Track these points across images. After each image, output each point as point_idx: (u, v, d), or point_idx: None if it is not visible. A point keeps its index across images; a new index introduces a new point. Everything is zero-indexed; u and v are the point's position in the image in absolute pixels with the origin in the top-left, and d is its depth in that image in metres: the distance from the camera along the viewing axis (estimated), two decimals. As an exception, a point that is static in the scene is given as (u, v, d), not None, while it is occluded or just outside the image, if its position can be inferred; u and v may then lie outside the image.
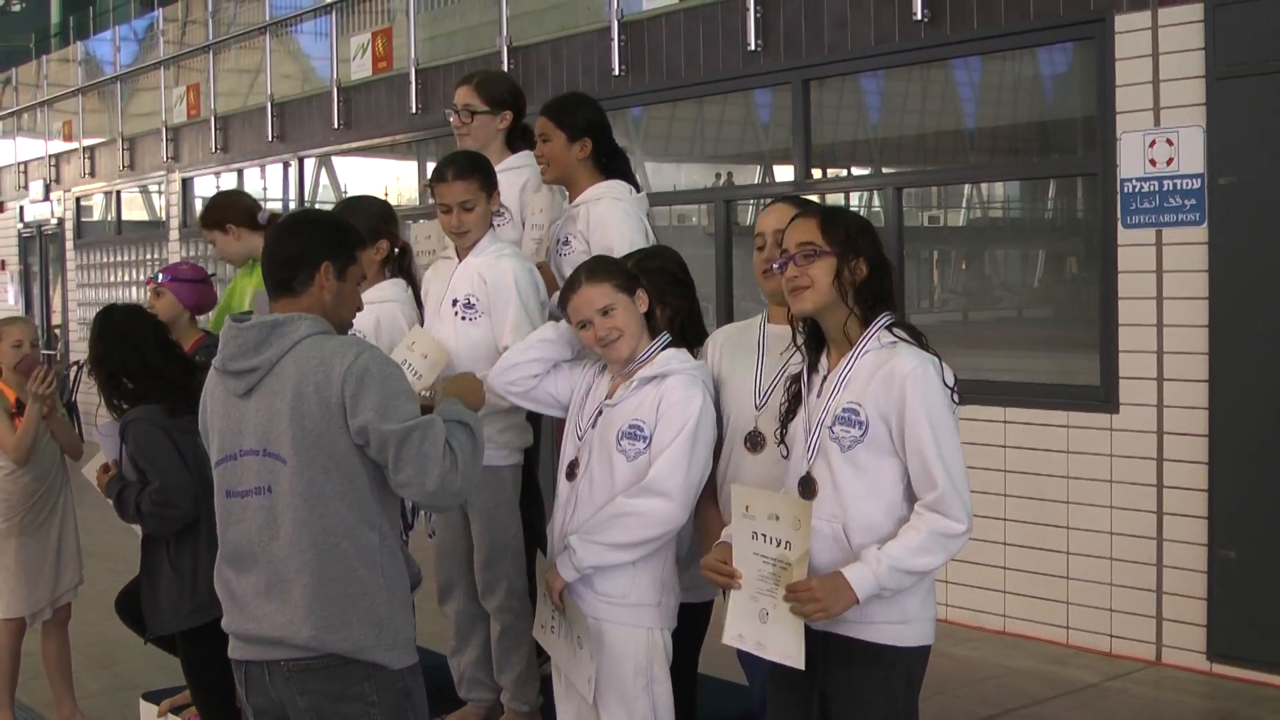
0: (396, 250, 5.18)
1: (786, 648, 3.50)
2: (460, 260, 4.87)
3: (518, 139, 5.42)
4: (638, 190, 5.11)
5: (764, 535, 3.54)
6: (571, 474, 4.15)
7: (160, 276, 6.20)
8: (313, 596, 3.54)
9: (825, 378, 3.63)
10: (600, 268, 4.15)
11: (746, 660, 4.29)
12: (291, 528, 3.55)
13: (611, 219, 4.90)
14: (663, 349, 4.10)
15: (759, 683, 4.31)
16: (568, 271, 4.95)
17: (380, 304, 4.95)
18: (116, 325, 5.25)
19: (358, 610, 3.58)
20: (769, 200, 9.70)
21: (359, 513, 3.59)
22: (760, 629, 3.56)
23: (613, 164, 5.10)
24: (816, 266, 3.57)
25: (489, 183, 4.81)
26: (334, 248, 3.74)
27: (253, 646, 3.66)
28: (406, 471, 3.51)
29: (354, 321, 5.11)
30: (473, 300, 4.78)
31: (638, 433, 4.00)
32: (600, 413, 4.11)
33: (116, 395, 5.17)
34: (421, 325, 4.87)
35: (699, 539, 4.24)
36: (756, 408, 4.12)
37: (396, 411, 3.52)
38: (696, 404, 3.98)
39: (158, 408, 5.07)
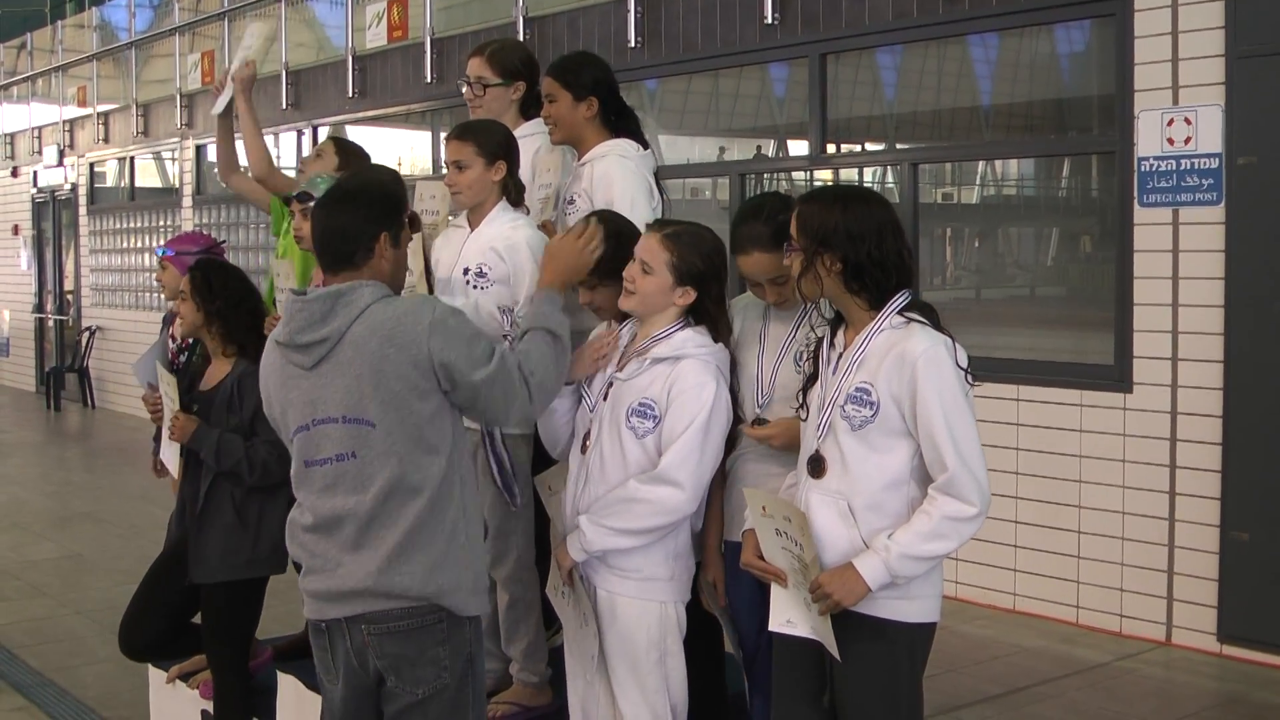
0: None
1: (829, 638, 3.55)
2: (472, 230, 4.85)
3: (532, 107, 5.40)
4: (646, 149, 5.08)
5: (785, 533, 3.59)
6: (584, 446, 4.14)
7: (164, 250, 6.18)
8: (404, 544, 3.63)
9: (841, 355, 3.62)
10: (683, 239, 4.04)
11: (736, 612, 4.32)
12: (384, 484, 3.62)
13: (614, 175, 4.88)
14: (680, 329, 4.07)
15: (749, 638, 4.33)
16: None
17: None
18: (244, 280, 5.40)
19: (445, 555, 3.68)
20: (783, 174, 9.74)
21: (443, 462, 3.69)
22: (808, 615, 3.60)
23: (621, 123, 5.08)
24: (792, 261, 3.64)
25: (488, 149, 4.76)
26: (389, 216, 3.78)
27: (337, 604, 3.69)
28: (490, 414, 3.82)
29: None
30: (485, 269, 4.76)
31: (648, 411, 3.98)
32: (610, 384, 4.10)
33: (234, 347, 5.26)
34: (431, 294, 4.86)
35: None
36: (759, 405, 4.14)
37: (476, 356, 3.65)
38: (710, 392, 3.95)
39: None
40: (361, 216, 3.75)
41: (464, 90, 5.41)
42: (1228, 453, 6.80)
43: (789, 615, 3.65)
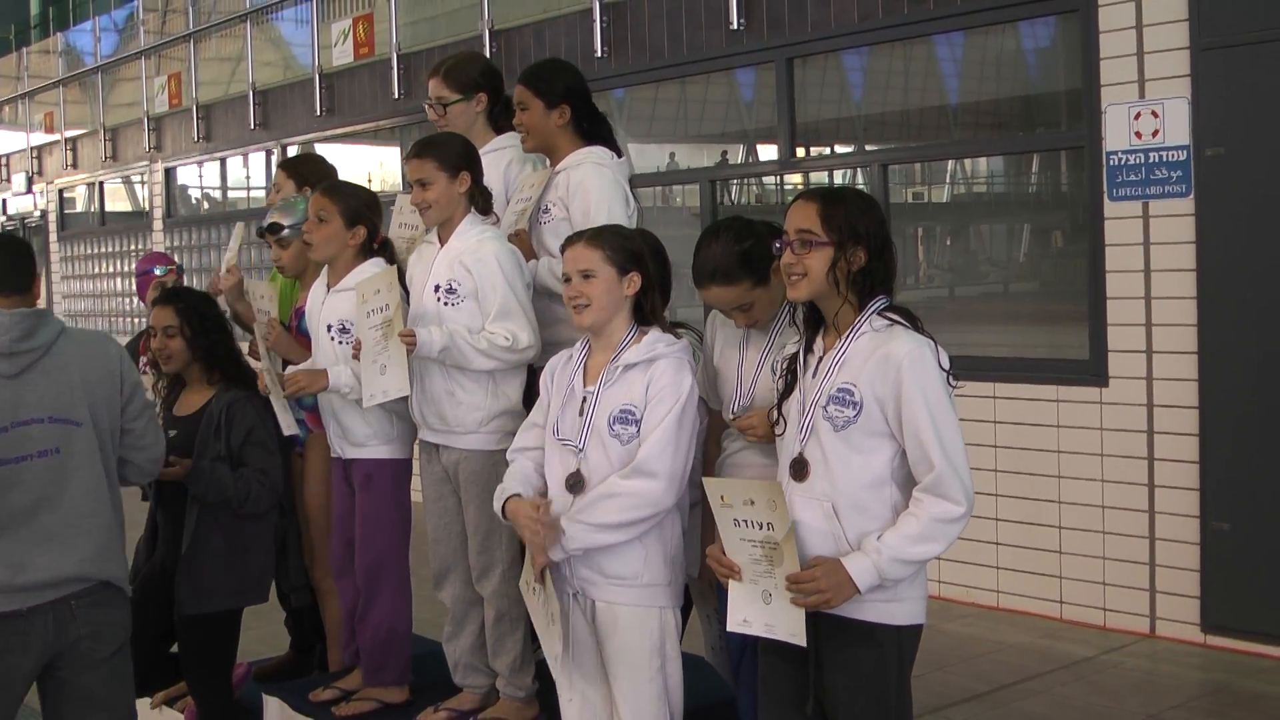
0: (375, 244, 5.15)
1: (792, 626, 3.52)
2: (442, 245, 4.84)
3: (501, 117, 5.38)
4: (620, 156, 5.07)
5: (745, 521, 3.55)
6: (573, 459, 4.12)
7: (164, 269, 6.21)
8: (104, 534, 4.20)
9: (821, 359, 3.61)
10: (605, 234, 4.10)
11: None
12: (88, 477, 4.16)
13: (590, 183, 4.87)
14: (643, 333, 4.06)
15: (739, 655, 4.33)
16: (547, 239, 4.93)
17: (360, 284, 4.93)
18: (216, 309, 5.45)
19: (116, 544, 4.27)
20: (753, 179, 9.76)
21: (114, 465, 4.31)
22: (765, 610, 3.57)
23: (594, 129, 5.06)
24: (813, 256, 3.55)
25: (449, 163, 4.74)
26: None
27: (42, 591, 4.06)
28: (151, 435, 4.40)
29: (341, 306, 5.10)
30: (455, 285, 4.74)
31: (629, 417, 3.97)
32: (585, 399, 4.08)
33: (217, 374, 5.32)
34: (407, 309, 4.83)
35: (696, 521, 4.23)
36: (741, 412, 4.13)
37: (143, 393, 4.40)
38: (686, 385, 3.97)
39: (252, 392, 5.18)
40: (32, 258, 4.39)
41: (429, 112, 5.40)
42: (1205, 443, 6.82)
43: (744, 615, 3.63)
